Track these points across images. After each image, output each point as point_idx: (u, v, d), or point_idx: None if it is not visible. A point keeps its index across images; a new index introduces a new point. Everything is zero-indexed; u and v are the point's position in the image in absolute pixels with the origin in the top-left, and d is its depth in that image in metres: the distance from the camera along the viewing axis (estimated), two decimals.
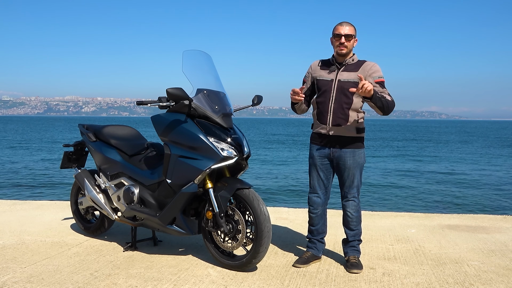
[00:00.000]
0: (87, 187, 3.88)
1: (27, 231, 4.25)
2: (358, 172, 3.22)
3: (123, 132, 3.97)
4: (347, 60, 3.17)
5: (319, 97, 3.23)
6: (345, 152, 3.17)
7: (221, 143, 3.10)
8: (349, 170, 3.19)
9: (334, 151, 3.20)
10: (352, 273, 3.11)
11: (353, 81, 3.08)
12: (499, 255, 3.55)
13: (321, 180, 3.29)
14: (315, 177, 3.30)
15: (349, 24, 3.13)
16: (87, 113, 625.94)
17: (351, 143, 3.18)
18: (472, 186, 13.54)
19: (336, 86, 3.13)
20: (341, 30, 3.11)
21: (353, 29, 3.13)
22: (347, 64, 3.16)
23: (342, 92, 3.11)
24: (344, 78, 3.12)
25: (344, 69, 3.15)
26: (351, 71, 3.12)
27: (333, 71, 3.18)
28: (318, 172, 3.28)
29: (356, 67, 3.13)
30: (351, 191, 3.24)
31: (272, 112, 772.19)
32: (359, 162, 3.21)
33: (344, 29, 3.10)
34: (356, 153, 3.19)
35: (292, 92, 3.16)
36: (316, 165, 3.28)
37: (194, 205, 3.34)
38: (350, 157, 3.17)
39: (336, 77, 3.15)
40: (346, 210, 3.27)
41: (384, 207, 10.10)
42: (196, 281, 2.94)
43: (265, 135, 51.48)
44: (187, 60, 3.30)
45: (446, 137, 40.55)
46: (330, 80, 3.16)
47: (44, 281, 2.94)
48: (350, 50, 3.16)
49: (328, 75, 3.19)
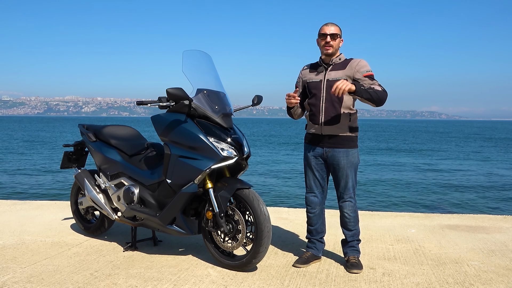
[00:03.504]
0: (87, 187, 3.88)
1: (27, 231, 4.25)
2: (353, 172, 3.23)
3: (123, 132, 3.97)
4: (334, 60, 3.21)
5: (311, 99, 3.26)
6: (338, 152, 3.18)
7: (221, 143, 3.10)
8: (343, 170, 3.20)
9: (328, 151, 3.21)
10: (352, 273, 3.12)
11: (341, 79, 3.11)
12: (499, 255, 3.55)
13: (317, 180, 3.31)
14: (311, 177, 3.32)
15: (334, 24, 3.20)
16: (87, 113, 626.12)
17: (344, 143, 3.19)
18: (472, 186, 13.54)
19: (325, 86, 3.17)
20: (326, 30, 3.17)
21: (338, 29, 3.19)
22: (334, 64, 3.21)
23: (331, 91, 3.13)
24: (332, 77, 3.16)
25: (331, 69, 3.20)
26: (339, 70, 3.16)
27: (321, 72, 3.23)
28: (314, 172, 3.30)
29: (343, 65, 3.17)
30: (346, 191, 3.24)
31: (272, 112, 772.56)
32: (353, 162, 3.22)
33: (329, 28, 3.17)
34: (350, 153, 3.20)
35: (287, 96, 3.21)
36: (310, 165, 3.29)
37: (194, 205, 3.34)
38: (343, 157, 3.18)
39: (324, 77, 3.19)
40: (343, 211, 3.28)
41: (384, 207, 10.10)
42: (196, 281, 2.94)
43: (263, 136, 51.49)
44: (187, 60, 3.30)
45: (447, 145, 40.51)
46: (319, 81, 3.21)
47: (44, 281, 2.94)
48: (336, 49, 3.21)
49: (316, 76, 3.24)
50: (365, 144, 34.86)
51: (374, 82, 3.12)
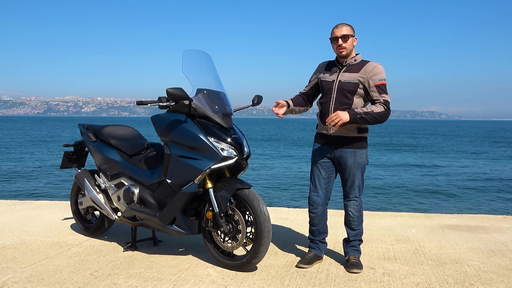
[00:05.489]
0: (87, 187, 3.88)
1: (27, 231, 4.25)
2: (359, 172, 3.22)
3: (123, 132, 3.97)
4: (349, 61, 3.16)
5: (322, 98, 3.25)
6: (345, 152, 3.18)
7: (221, 143, 3.10)
8: (349, 170, 3.20)
9: (336, 151, 3.21)
10: (352, 273, 3.11)
11: (353, 82, 3.09)
12: (499, 255, 3.55)
13: (322, 179, 3.29)
14: (317, 176, 3.31)
15: (345, 24, 3.13)
16: (87, 113, 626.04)
17: (353, 143, 3.18)
18: (473, 186, 13.54)
19: (337, 87, 3.14)
20: (337, 32, 3.12)
21: (349, 28, 3.12)
22: (348, 65, 3.16)
23: (342, 93, 3.12)
24: (345, 79, 3.12)
25: (345, 70, 3.15)
26: (353, 72, 3.12)
27: (334, 72, 3.20)
28: (320, 170, 3.29)
29: (358, 67, 3.13)
30: (352, 191, 3.25)
31: (272, 112, 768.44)
32: (360, 162, 3.20)
33: (340, 30, 3.11)
34: (357, 153, 3.18)
35: (276, 105, 3.31)
36: (318, 163, 3.29)
37: (194, 205, 3.34)
38: (351, 157, 3.17)
39: (337, 78, 3.16)
40: (347, 209, 3.28)
41: (384, 207, 10.10)
42: (196, 281, 2.94)
43: (263, 136, 51.48)
44: (187, 60, 3.29)
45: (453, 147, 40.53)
46: (332, 81, 3.18)
47: (44, 281, 2.94)
48: (351, 50, 3.15)
49: (330, 76, 3.21)
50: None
51: (382, 96, 3.06)
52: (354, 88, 3.09)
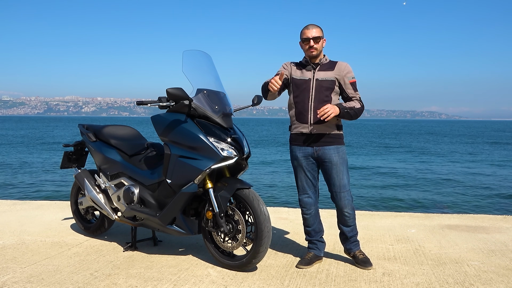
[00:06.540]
0: (87, 187, 3.88)
1: (27, 231, 4.25)
2: (345, 168, 3.25)
3: (123, 132, 3.97)
4: (321, 60, 3.26)
5: (297, 97, 3.25)
6: (328, 149, 3.21)
7: (221, 143, 3.10)
8: (337, 167, 3.21)
9: (318, 150, 3.22)
10: (367, 269, 3.16)
11: (330, 79, 3.19)
12: (499, 255, 3.55)
13: (309, 180, 3.31)
14: (303, 178, 3.32)
15: (315, 26, 3.22)
16: (87, 113, 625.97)
17: (333, 140, 3.22)
18: (472, 186, 13.54)
19: (315, 85, 3.19)
20: (308, 33, 3.19)
21: (319, 30, 3.21)
22: (321, 64, 3.25)
23: (320, 90, 3.19)
24: (321, 77, 3.20)
25: (319, 69, 3.24)
26: (327, 70, 3.22)
27: (309, 70, 3.25)
28: (305, 172, 3.30)
29: (330, 66, 3.24)
30: (343, 188, 3.23)
31: (272, 112, 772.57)
32: (344, 158, 3.25)
33: (311, 32, 3.19)
34: (340, 150, 3.23)
35: (273, 81, 3.09)
36: (301, 166, 3.29)
37: (194, 205, 3.34)
38: (335, 154, 3.20)
39: (313, 76, 3.22)
40: (343, 209, 3.26)
41: (384, 207, 10.10)
42: (196, 281, 2.94)
43: (263, 136, 51.49)
44: (187, 60, 3.30)
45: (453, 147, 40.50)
46: (308, 79, 3.23)
47: (44, 281, 2.94)
48: (320, 51, 3.24)
49: (303, 74, 3.26)
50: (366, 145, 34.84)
51: (357, 94, 3.24)
52: (331, 86, 3.19)
